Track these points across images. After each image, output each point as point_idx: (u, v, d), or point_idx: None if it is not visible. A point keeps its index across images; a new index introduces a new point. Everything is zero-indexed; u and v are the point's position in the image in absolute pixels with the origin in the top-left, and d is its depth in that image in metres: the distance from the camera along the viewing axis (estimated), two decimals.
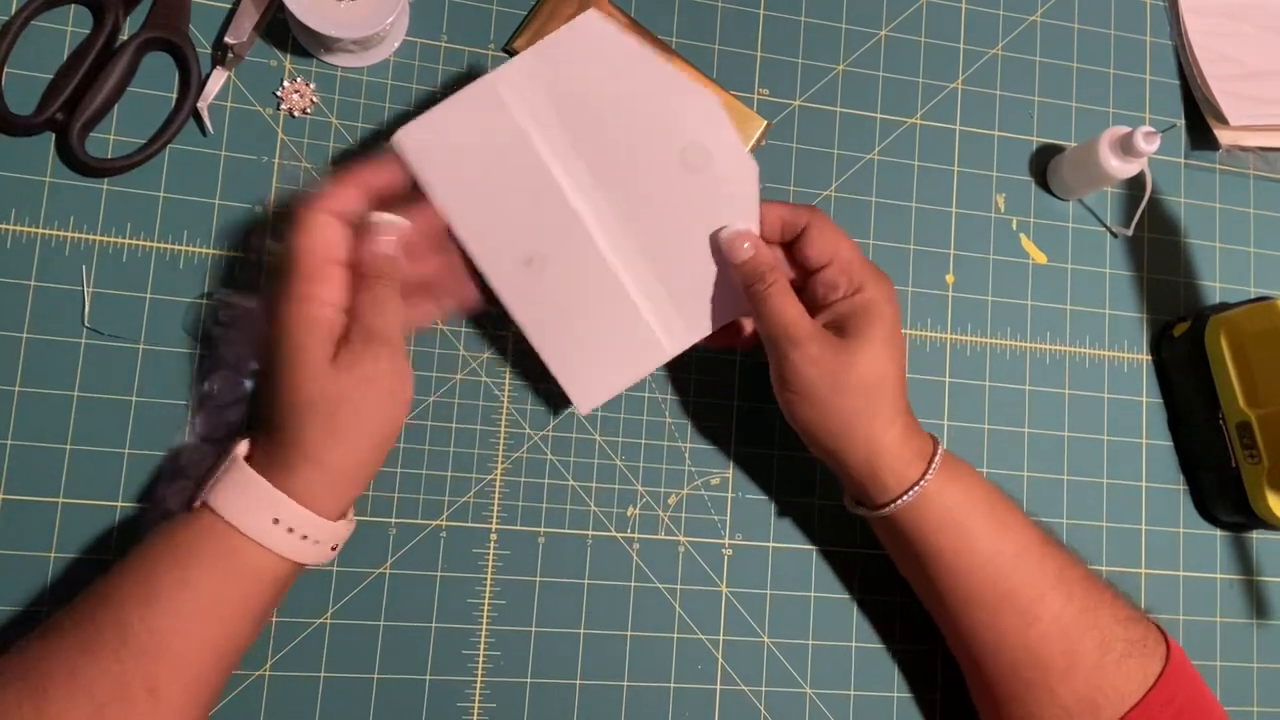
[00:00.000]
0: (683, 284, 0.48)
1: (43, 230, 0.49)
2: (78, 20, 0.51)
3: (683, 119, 0.46)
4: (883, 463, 0.45)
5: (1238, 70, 0.62)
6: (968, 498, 0.46)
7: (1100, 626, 0.45)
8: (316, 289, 0.41)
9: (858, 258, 0.46)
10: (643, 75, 0.45)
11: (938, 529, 0.46)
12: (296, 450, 0.40)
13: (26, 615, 0.46)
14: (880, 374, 0.44)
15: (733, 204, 0.47)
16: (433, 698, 0.49)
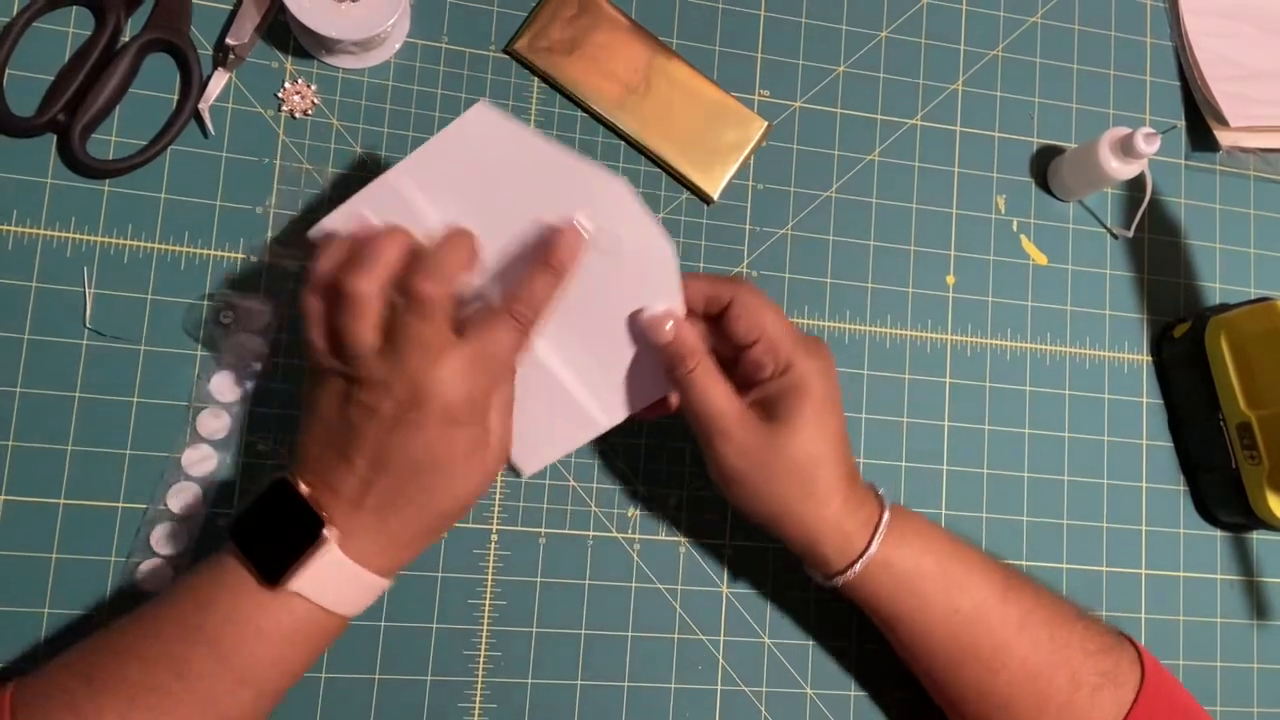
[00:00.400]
0: (613, 361, 0.47)
1: (44, 231, 0.49)
2: (79, 22, 0.51)
3: (589, 203, 0.44)
4: (825, 538, 0.44)
5: (1238, 71, 0.62)
6: (917, 562, 0.45)
7: (1070, 664, 0.45)
8: None
9: (785, 333, 0.44)
10: (543, 161, 0.44)
11: (891, 595, 0.45)
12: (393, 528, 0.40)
13: (26, 615, 0.46)
14: (812, 455, 0.43)
15: (652, 283, 0.45)
16: (434, 698, 0.49)
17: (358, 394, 0.40)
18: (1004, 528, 0.56)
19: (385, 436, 0.40)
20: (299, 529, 0.39)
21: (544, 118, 0.55)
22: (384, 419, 0.40)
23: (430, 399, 0.39)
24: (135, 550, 0.48)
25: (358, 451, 0.40)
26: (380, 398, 0.40)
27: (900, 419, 0.56)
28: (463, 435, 0.41)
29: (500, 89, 0.54)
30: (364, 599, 0.41)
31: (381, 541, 0.40)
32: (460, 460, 0.41)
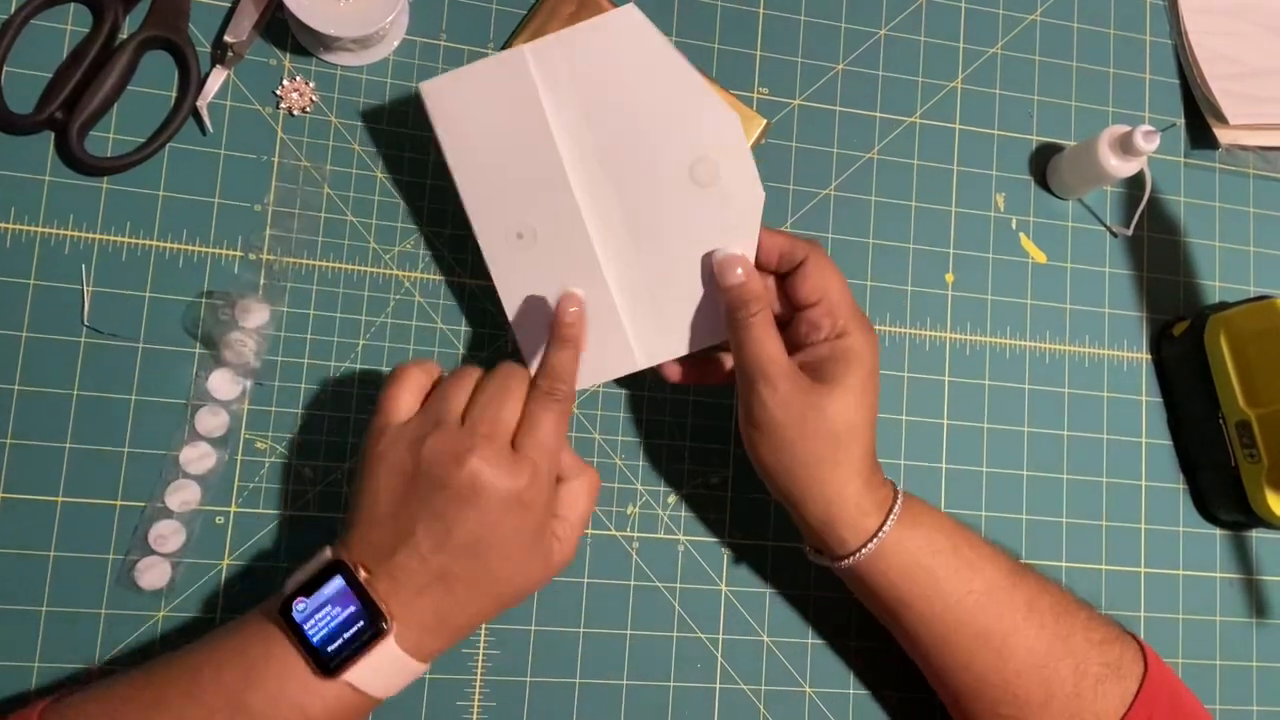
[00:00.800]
0: (669, 297, 0.48)
1: (42, 229, 0.49)
2: (77, 19, 0.51)
3: (701, 131, 0.45)
4: (842, 515, 0.45)
5: (1237, 69, 0.62)
6: (929, 543, 0.45)
7: (1075, 653, 0.45)
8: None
9: (847, 301, 0.45)
10: (670, 79, 0.45)
11: (902, 577, 0.45)
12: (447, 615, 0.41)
13: (26, 615, 0.46)
14: (850, 423, 0.44)
15: (732, 226, 0.46)
16: (432, 697, 0.49)
17: (430, 466, 0.40)
18: (1003, 526, 0.56)
19: (453, 510, 0.40)
20: (357, 619, 0.39)
21: None
22: (454, 490, 0.39)
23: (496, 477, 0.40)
24: (133, 548, 0.47)
25: (424, 528, 0.40)
26: (451, 469, 0.40)
27: (899, 417, 0.56)
28: (529, 517, 0.41)
29: None
30: (404, 684, 0.41)
31: (432, 630, 0.41)
32: (524, 544, 0.41)
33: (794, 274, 0.46)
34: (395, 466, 0.41)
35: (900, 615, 0.46)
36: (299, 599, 0.39)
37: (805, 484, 0.45)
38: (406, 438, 0.41)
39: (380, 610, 0.39)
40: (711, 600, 0.52)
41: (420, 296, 0.52)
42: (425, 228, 0.53)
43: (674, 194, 0.46)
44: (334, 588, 0.39)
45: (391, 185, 0.53)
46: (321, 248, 0.52)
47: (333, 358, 0.51)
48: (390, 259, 0.52)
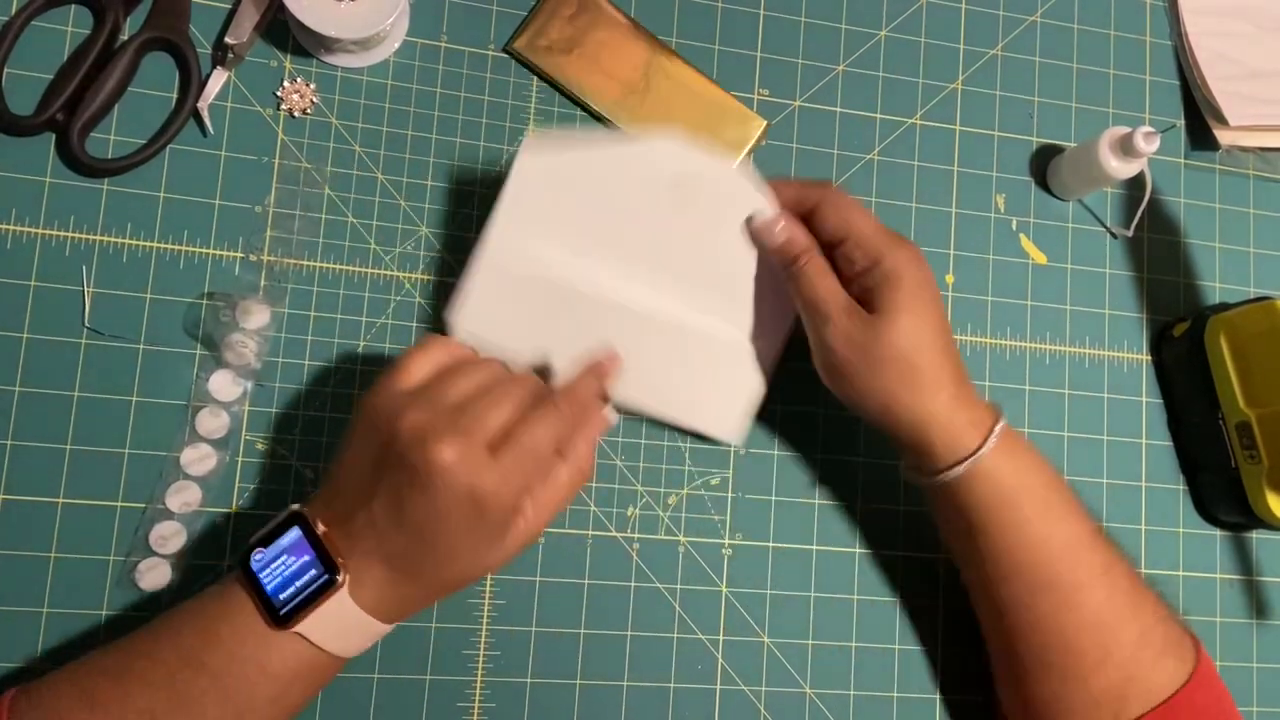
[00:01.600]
0: (742, 305, 0.51)
1: (43, 230, 0.49)
2: (78, 20, 0.51)
3: (652, 165, 0.49)
4: (932, 433, 0.45)
5: (1237, 70, 0.62)
6: (1023, 479, 0.46)
7: (1142, 621, 0.45)
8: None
9: (872, 228, 0.46)
10: (602, 158, 0.49)
11: (989, 505, 0.45)
12: (399, 583, 0.40)
13: (27, 616, 0.46)
14: (912, 343, 0.44)
15: (742, 208, 0.49)
16: (433, 698, 0.49)
17: (425, 432, 0.39)
18: None
19: (407, 490, 0.39)
20: (310, 568, 0.39)
21: (543, 117, 0.55)
22: (410, 473, 0.38)
23: (457, 477, 0.39)
24: (134, 549, 0.47)
25: (380, 501, 0.39)
26: (416, 450, 0.38)
27: None
28: (482, 522, 0.40)
29: (499, 88, 0.54)
30: (364, 644, 0.41)
31: (388, 593, 0.40)
32: (474, 542, 0.41)
33: (813, 218, 0.47)
34: (376, 431, 0.40)
35: (977, 542, 0.47)
36: (257, 550, 0.40)
37: (888, 409, 0.46)
38: (396, 406, 0.40)
39: (333, 560, 0.39)
40: (712, 601, 0.52)
41: (421, 298, 0.52)
42: (426, 229, 0.53)
43: (678, 229, 0.49)
44: (291, 538, 0.40)
45: (392, 187, 0.53)
46: (322, 249, 0.52)
47: (333, 359, 0.51)
48: (391, 260, 0.52)
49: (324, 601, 0.39)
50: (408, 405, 0.40)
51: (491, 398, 0.41)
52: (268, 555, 0.39)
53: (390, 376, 0.42)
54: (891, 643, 0.54)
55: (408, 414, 0.39)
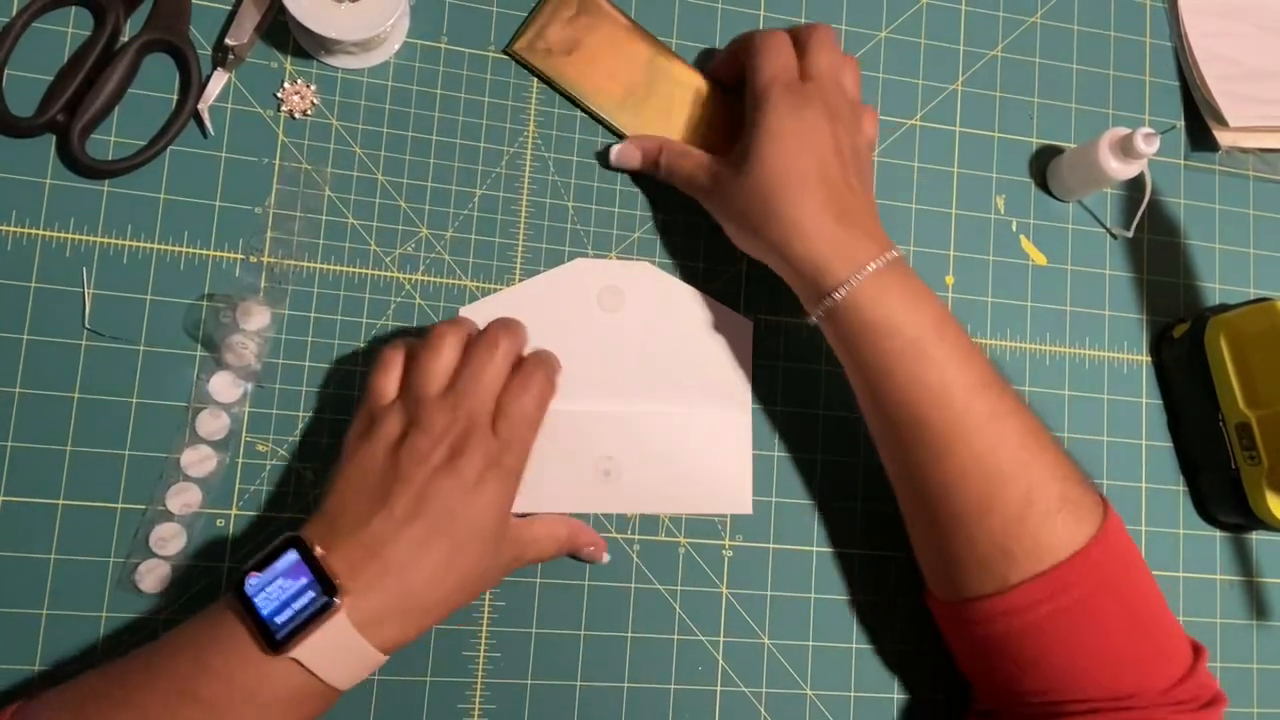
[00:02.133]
0: (702, 382, 0.53)
1: (43, 232, 0.49)
2: (78, 22, 0.51)
3: (574, 284, 0.53)
4: (798, 264, 0.46)
5: (1237, 71, 0.62)
6: (889, 316, 0.44)
7: (1030, 478, 0.43)
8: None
9: (760, 75, 0.49)
10: (529, 292, 0.52)
11: (860, 342, 0.45)
12: (411, 586, 0.40)
13: (26, 616, 0.46)
14: (770, 186, 0.46)
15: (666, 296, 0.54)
16: (433, 699, 0.49)
17: (413, 440, 0.41)
18: None
19: (432, 481, 0.40)
20: (307, 590, 0.38)
21: (543, 118, 0.55)
22: (434, 464, 0.41)
23: (475, 450, 0.42)
24: (134, 551, 0.47)
25: (399, 495, 0.40)
26: (434, 445, 0.41)
27: None
28: (496, 492, 0.42)
29: (499, 89, 0.54)
30: (360, 674, 0.40)
31: (391, 609, 0.40)
32: (493, 519, 0.42)
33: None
34: (384, 431, 0.42)
35: (855, 382, 0.48)
36: (252, 574, 0.39)
37: (759, 243, 0.48)
38: (390, 428, 0.42)
39: (331, 581, 0.38)
40: (712, 602, 0.52)
41: (421, 299, 0.52)
42: (426, 230, 0.53)
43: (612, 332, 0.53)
44: (287, 561, 0.39)
45: (392, 188, 0.53)
46: (322, 250, 0.52)
47: (334, 360, 0.51)
48: (391, 262, 0.52)
49: (321, 624, 0.38)
50: (405, 421, 0.43)
51: (474, 375, 0.44)
52: (263, 579, 0.39)
53: (369, 399, 0.45)
54: (892, 643, 0.54)
55: (412, 437, 0.42)
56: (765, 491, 0.54)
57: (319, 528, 0.41)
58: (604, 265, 0.53)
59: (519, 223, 0.54)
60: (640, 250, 0.55)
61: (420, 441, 0.41)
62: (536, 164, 0.54)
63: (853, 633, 0.53)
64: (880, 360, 0.45)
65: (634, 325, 0.53)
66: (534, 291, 0.52)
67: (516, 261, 0.53)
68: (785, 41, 0.50)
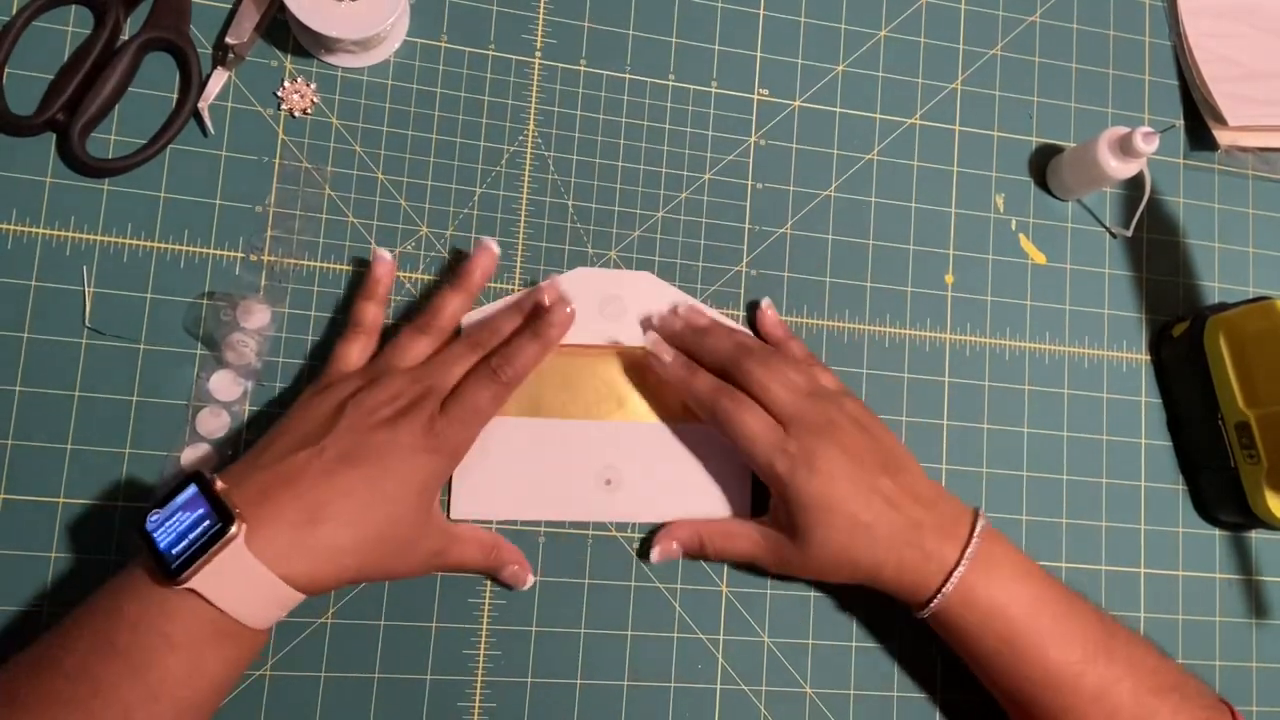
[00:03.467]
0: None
1: (44, 230, 0.49)
2: (79, 21, 0.51)
3: (578, 296, 0.50)
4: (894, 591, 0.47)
5: (1236, 71, 0.62)
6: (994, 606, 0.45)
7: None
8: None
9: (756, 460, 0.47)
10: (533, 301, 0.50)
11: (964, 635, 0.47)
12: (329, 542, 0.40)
13: (26, 615, 0.46)
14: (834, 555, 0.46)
15: (667, 301, 0.53)
16: (433, 697, 0.49)
17: (364, 395, 0.43)
18: (1003, 527, 0.56)
19: (370, 431, 0.42)
20: (206, 521, 0.38)
21: (544, 117, 0.55)
22: (379, 418, 0.43)
23: (421, 417, 0.43)
24: (135, 549, 0.47)
25: (334, 437, 0.41)
26: (383, 403, 0.43)
27: (899, 418, 0.56)
28: (432, 463, 0.43)
29: (500, 88, 0.55)
30: (270, 610, 0.40)
31: (306, 539, 0.39)
32: (421, 485, 0.43)
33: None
34: (338, 390, 0.44)
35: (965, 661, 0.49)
36: (153, 511, 0.39)
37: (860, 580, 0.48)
38: (344, 388, 0.44)
39: (228, 508, 0.38)
40: (712, 601, 0.52)
41: (421, 298, 0.52)
42: (426, 229, 0.53)
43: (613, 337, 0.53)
44: (186, 494, 0.39)
45: (392, 187, 0.53)
46: (323, 249, 0.52)
47: None
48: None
49: (216, 552, 0.37)
50: (365, 373, 0.45)
51: (440, 361, 0.46)
52: (162, 515, 0.38)
53: (330, 365, 0.47)
54: (892, 642, 0.54)
55: (368, 390, 0.44)
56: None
57: (236, 465, 0.42)
58: (606, 274, 0.53)
59: (519, 222, 0.54)
60: (640, 249, 0.55)
61: (370, 397, 0.43)
62: (536, 163, 0.54)
63: (852, 631, 0.53)
64: (984, 652, 0.46)
65: (635, 334, 0.53)
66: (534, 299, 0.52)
67: (516, 260, 0.53)
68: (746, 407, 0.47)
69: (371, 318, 0.49)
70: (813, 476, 0.45)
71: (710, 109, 0.57)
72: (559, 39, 0.55)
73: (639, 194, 0.55)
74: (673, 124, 0.56)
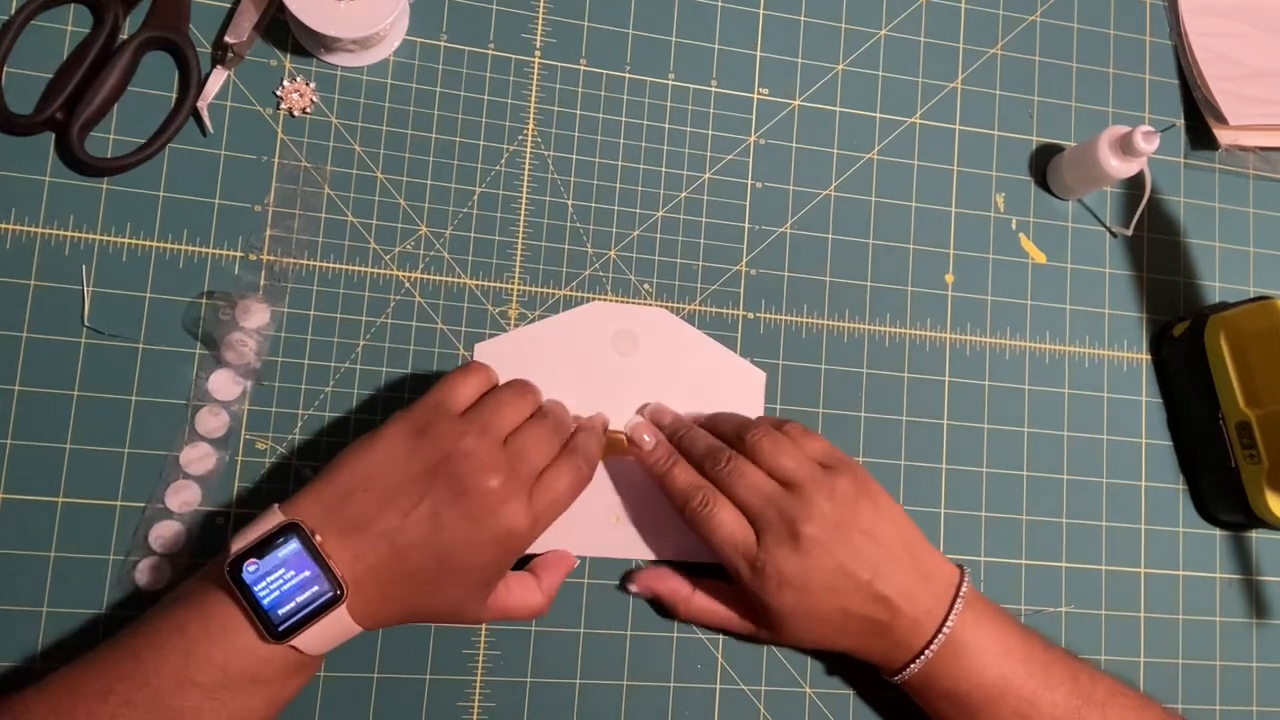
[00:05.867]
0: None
1: (43, 230, 0.49)
2: (77, 20, 0.51)
3: (590, 326, 0.53)
4: (875, 662, 0.48)
5: (1237, 70, 0.62)
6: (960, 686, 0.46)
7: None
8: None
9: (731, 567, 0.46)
10: (546, 330, 0.52)
11: (940, 705, 0.47)
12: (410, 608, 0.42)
13: (26, 615, 0.46)
14: (814, 638, 0.47)
15: (678, 337, 0.54)
16: (433, 697, 0.49)
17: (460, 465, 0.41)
18: (1004, 526, 0.56)
19: (455, 517, 0.40)
20: (312, 584, 0.38)
21: (543, 116, 0.55)
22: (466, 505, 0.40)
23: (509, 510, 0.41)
24: (134, 548, 0.47)
25: (417, 513, 0.40)
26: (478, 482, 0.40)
27: (899, 418, 0.56)
28: (502, 558, 0.43)
29: (499, 87, 0.54)
30: (342, 643, 0.41)
31: (377, 609, 0.41)
32: (484, 575, 0.43)
33: None
34: (424, 448, 0.41)
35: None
36: (250, 560, 0.38)
37: (833, 647, 0.48)
38: (453, 429, 0.41)
39: (339, 578, 0.39)
40: None
41: (420, 297, 0.52)
42: (426, 229, 0.53)
43: (624, 374, 0.53)
44: (289, 550, 0.38)
45: (392, 186, 0.53)
46: (322, 248, 0.52)
47: (333, 358, 0.51)
48: (390, 260, 0.52)
49: (325, 617, 0.39)
50: (465, 431, 0.41)
51: (540, 436, 0.44)
52: (263, 568, 0.38)
53: (439, 395, 0.43)
54: None
55: (466, 439, 0.41)
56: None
57: (320, 509, 0.40)
58: (619, 309, 0.53)
59: (519, 222, 0.54)
60: (640, 249, 0.54)
61: (466, 465, 0.41)
62: (536, 162, 0.54)
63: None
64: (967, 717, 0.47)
65: (646, 370, 0.53)
66: (548, 331, 0.52)
67: (516, 260, 0.53)
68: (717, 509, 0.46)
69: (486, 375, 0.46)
70: (781, 589, 0.45)
71: (710, 108, 0.57)
72: (559, 39, 0.55)
73: (639, 193, 0.55)
74: (673, 124, 0.56)
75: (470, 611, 0.44)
